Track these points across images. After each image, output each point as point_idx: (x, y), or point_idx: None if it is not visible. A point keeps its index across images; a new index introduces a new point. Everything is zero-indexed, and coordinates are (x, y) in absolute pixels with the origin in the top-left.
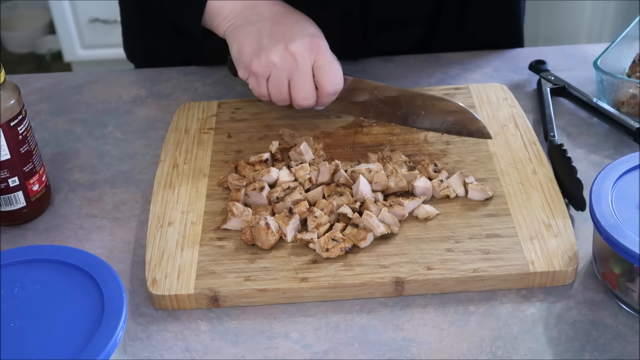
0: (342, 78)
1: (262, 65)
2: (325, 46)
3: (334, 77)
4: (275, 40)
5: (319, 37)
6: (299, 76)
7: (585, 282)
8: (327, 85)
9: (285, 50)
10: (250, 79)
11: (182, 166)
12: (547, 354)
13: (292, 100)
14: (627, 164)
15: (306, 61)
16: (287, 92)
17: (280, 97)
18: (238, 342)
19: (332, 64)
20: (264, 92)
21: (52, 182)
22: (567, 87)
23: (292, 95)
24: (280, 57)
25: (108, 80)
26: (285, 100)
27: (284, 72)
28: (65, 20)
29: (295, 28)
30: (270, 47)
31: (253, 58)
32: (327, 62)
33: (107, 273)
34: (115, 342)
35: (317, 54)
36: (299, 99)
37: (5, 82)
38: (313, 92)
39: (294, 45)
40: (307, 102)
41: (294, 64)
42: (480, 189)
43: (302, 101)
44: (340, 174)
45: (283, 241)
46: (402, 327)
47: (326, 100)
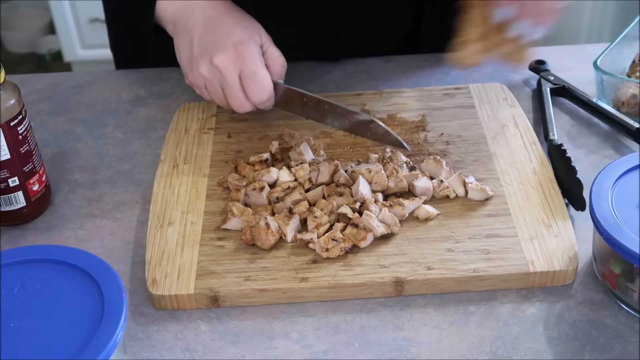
0: (268, 87)
1: (195, 77)
2: (250, 54)
3: (258, 87)
4: (201, 52)
5: (244, 44)
6: (228, 87)
7: (585, 282)
8: (252, 96)
9: (210, 64)
10: (194, 87)
11: (182, 166)
12: (547, 354)
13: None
14: (627, 164)
15: (231, 72)
16: (224, 99)
17: (221, 102)
18: (238, 342)
19: (256, 74)
20: (207, 97)
21: (52, 182)
22: (567, 87)
23: (229, 103)
24: (208, 71)
25: (108, 80)
26: (227, 105)
27: (215, 83)
28: (65, 20)
29: (221, 37)
30: (199, 59)
31: (187, 70)
32: (251, 73)
33: (107, 273)
34: (115, 342)
35: (241, 64)
36: (235, 107)
37: (5, 82)
38: (246, 100)
39: (217, 58)
40: (242, 109)
41: (221, 76)
42: (480, 189)
43: (239, 109)
44: (340, 174)
45: (283, 241)
46: (402, 327)
47: (260, 107)
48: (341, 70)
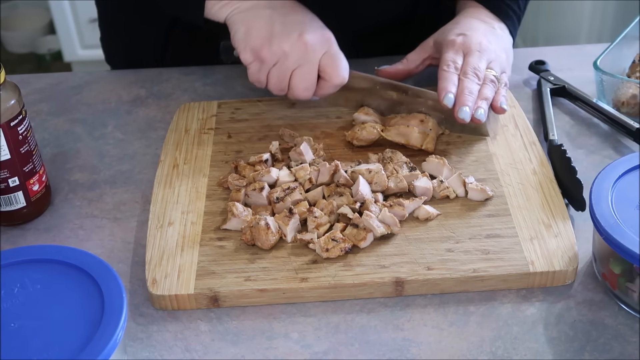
0: (347, 71)
1: (273, 52)
2: (335, 41)
3: (342, 69)
4: (288, 30)
5: (329, 31)
6: (306, 66)
7: (585, 282)
8: (334, 76)
9: (298, 40)
10: (253, 64)
11: (182, 166)
12: (547, 354)
13: (291, 89)
14: (627, 164)
15: (317, 52)
16: (287, 82)
17: (280, 86)
18: (238, 342)
19: (341, 56)
20: (263, 79)
21: (52, 182)
22: (567, 87)
23: (293, 84)
24: (292, 46)
25: (108, 80)
26: (283, 90)
27: (292, 62)
28: (65, 20)
29: (306, 19)
30: (283, 35)
31: (264, 44)
32: (337, 53)
33: (107, 273)
34: (115, 342)
35: (329, 46)
36: (299, 89)
37: (5, 82)
38: (315, 84)
39: (308, 35)
40: (307, 92)
41: (304, 54)
42: (480, 189)
43: (302, 91)
44: (340, 175)
45: (283, 241)
46: (402, 327)
47: (328, 91)
48: None
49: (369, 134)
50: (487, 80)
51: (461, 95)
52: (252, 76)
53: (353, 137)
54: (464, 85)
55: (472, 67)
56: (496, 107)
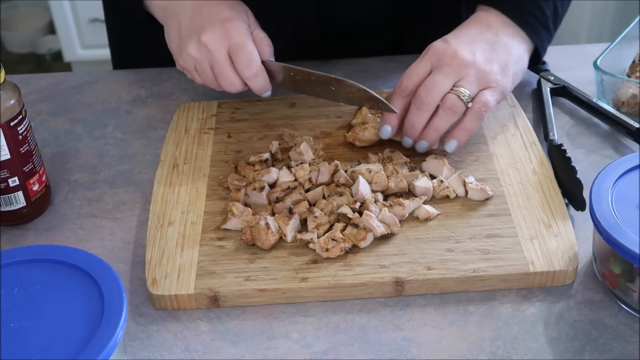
0: (255, 59)
1: (185, 60)
2: (237, 30)
3: (246, 60)
4: (189, 33)
5: (231, 20)
6: (217, 65)
7: (585, 282)
8: (242, 70)
9: (198, 43)
10: (184, 71)
11: (182, 166)
12: (547, 354)
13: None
14: (627, 164)
15: (219, 49)
16: (215, 81)
17: (213, 84)
18: (238, 342)
19: (244, 46)
20: (199, 81)
21: (52, 182)
22: (567, 87)
23: (219, 83)
24: (197, 50)
25: (108, 80)
26: (218, 87)
27: (205, 63)
28: (65, 20)
29: (207, 16)
30: (187, 40)
31: (177, 53)
32: (238, 45)
33: (107, 273)
34: (115, 342)
35: (228, 40)
36: (225, 86)
37: (5, 82)
38: (236, 78)
39: (204, 36)
40: (233, 87)
41: (209, 54)
42: (480, 189)
43: (229, 87)
44: (340, 174)
45: (283, 241)
46: (402, 327)
47: (251, 83)
48: (341, 70)
49: (371, 135)
50: (445, 105)
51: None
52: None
53: (355, 138)
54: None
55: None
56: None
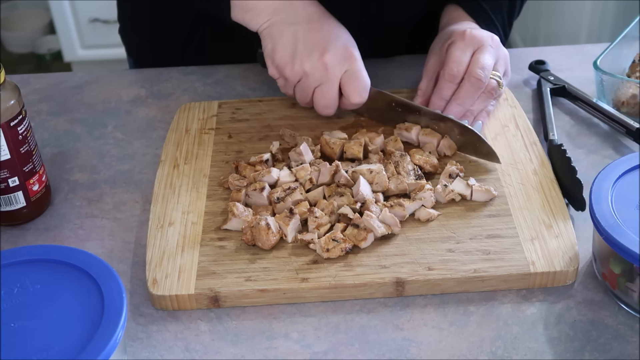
0: (368, 90)
1: (294, 72)
2: (358, 56)
3: (361, 88)
4: (310, 49)
5: (353, 46)
6: (326, 86)
7: (585, 282)
8: (353, 95)
9: (318, 61)
10: (279, 80)
11: (182, 166)
12: (547, 354)
13: (314, 105)
14: (627, 164)
15: (336, 72)
16: (310, 98)
17: (304, 100)
18: (238, 342)
19: (362, 74)
20: (291, 93)
21: (52, 182)
22: (567, 87)
23: (315, 101)
24: (313, 66)
25: (108, 80)
26: (309, 104)
27: (312, 81)
28: (65, 20)
29: (330, 36)
30: (305, 55)
31: (287, 63)
32: (357, 71)
33: (107, 273)
34: (115, 342)
35: (349, 64)
36: (320, 107)
37: (5, 82)
38: (335, 102)
39: (328, 55)
40: (327, 110)
41: (324, 74)
42: (485, 189)
43: (323, 109)
44: (340, 175)
45: (283, 241)
46: (402, 327)
47: (349, 107)
48: None
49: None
50: (487, 88)
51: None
52: (281, 89)
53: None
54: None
55: (480, 67)
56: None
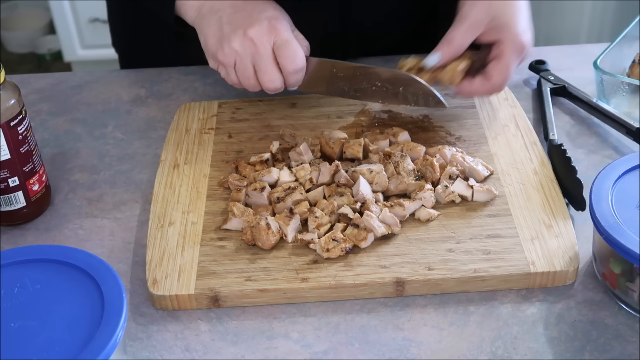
0: (302, 56)
1: (226, 54)
2: (284, 27)
3: (293, 55)
4: (234, 28)
5: (277, 18)
6: (260, 60)
7: (585, 282)
8: (287, 64)
9: (244, 37)
10: (220, 69)
11: (182, 166)
12: (547, 354)
13: (260, 85)
14: (627, 164)
15: (265, 44)
16: (254, 78)
17: (249, 82)
18: (238, 342)
19: (290, 42)
20: (235, 80)
21: (52, 182)
22: (567, 87)
23: (259, 80)
24: (241, 44)
25: (108, 80)
26: (255, 86)
27: (247, 59)
28: (65, 20)
29: (253, 13)
30: (230, 34)
31: (217, 48)
32: (285, 41)
33: (107, 273)
34: (115, 342)
35: (275, 36)
36: (265, 82)
37: (5, 82)
38: (277, 75)
39: (251, 30)
40: (273, 84)
41: (254, 49)
42: (486, 189)
43: (269, 84)
44: (340, 175)
45: (284, 241)
46: (402, 327)
47: (292, 79)
48: None
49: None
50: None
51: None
52: (225, 79)
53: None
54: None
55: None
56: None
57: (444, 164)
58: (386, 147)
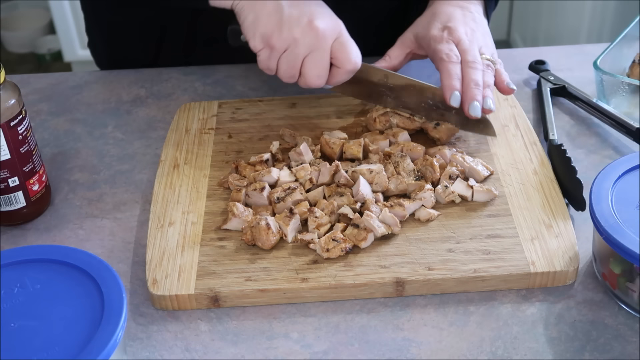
0: (360, 58)
1: (283, 39)
2: (343, 26)
3: (354, 55)
4: (298, 15)
5: (338, 18)
6: (318, 53)
7: (585, 282)
8: (346, 63)
9: (308, 26)
10: (263, 51)
11: (182, 166)
12: (547, 354)
13: (303, 76)
14: (627, 164)
15: (327, 39)
16: (298, 69)
17: (290, 72)
18: (238, 342)
19: (352, 42)
20: (273, 66)
21: (52, 182)
22: (567, 87)
23: (305, 72)
24: (303, 33)
25: (108, 80)
26: (294, 77)
27: (302, 48)
28: (65, 20)
29: (316, 6)
30: (293, 21)
31: (274, 31)
32: (348, 40)
33: (107, 273)
34: (115, 342)
35: (339, 32)
36: (312, 76)
37: (5, 82)
38: (327, 71)
39: (318, 21)
40: (319, 80)
41: (315, 40)
42: (486, 190)
43: (315, 79)
44: (340, 175)
45: (283, 241)
46: (402, 327)
47: (340, 78)
48: None
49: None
50: (484, 66)
51: (469, 90)
52: (261, 63)
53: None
54: (469, 78)
55: (472, 55)
56: (504, 88)
57: (444, 164)
58: (386, 147)
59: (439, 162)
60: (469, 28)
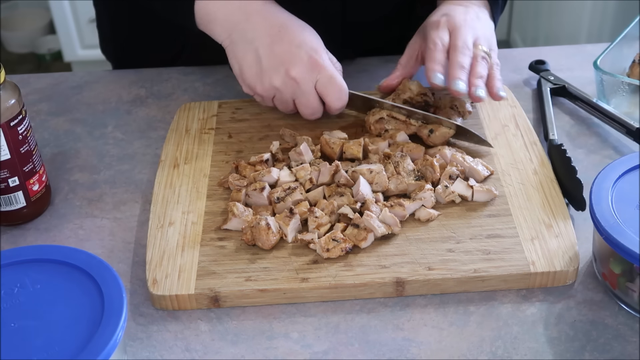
0: (346, 91)
1: (266, 90)
2: (325, 61)
3: (338, 93)
4: (275, 65)
5: (317, 51)
6: (302, 96)
7: (585, 282)
8: (333, 102)
9: (286, 76)
10: (255, 96)
11: (182, 166)
12: (547, 354)
13: (300, 114)
14: (627, 164)
15: (308, 82)
16: (292, 107)
17: (288, 109)
18: (238, 342)
19: (335, 79)
20: (269, 105)
21: (52, 182)
22: (567, 87)
23: (300, 111)
24: (283, 83)
25: (108, 80)
26: (292, 111)
27: (287, 94)
28: (65, 20)
29: (292, 47)
30: (271, 72)
31: (256, 82)
32: (329, 78)
33: (107, 273)
34: (115, 342)
35: (318, 73)
36: (306, 115)
37: (5, 82)
38: (319, 107)
39: (294, 70)
40: (314, 116)
41: (296, 87)
42: (486, 189)
43: (310, 116)
44: (340, 175)
45: (284, 241)
46: (402, 327)
47: (334, 112)
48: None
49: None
50: (477, 57)
51: (453, 70)
52: (260, 103)
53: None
54: (455, 60)
55: (462, 40)
56: (492, 93)
57: (444, 164)
58: (385, 148)
59: (439, 162)
60: (469, 17)
